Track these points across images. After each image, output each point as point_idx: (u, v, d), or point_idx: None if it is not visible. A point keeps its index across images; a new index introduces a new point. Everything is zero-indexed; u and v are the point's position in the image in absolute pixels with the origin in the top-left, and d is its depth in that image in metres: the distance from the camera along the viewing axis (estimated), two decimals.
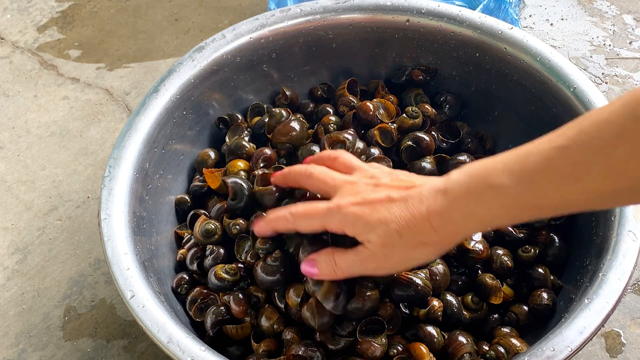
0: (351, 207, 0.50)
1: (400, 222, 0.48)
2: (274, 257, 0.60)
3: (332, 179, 0.55)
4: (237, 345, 0.64)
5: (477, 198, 0.45)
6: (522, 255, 0.67)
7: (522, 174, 0.43)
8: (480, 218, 0.46)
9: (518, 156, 0.44)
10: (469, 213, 0.46)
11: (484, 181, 0.45)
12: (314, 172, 0.56)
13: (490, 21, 0.76)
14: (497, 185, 0.44)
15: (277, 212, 0.57)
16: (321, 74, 0.85)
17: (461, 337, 0.61)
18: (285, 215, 0.55)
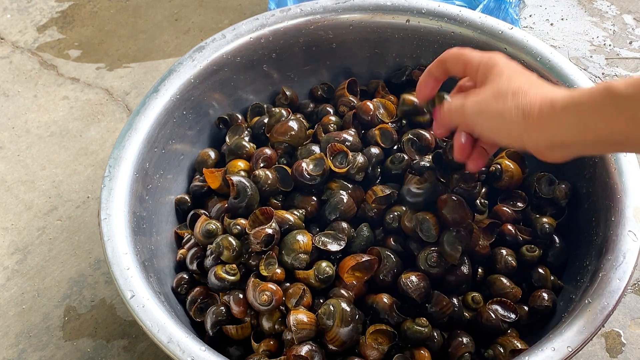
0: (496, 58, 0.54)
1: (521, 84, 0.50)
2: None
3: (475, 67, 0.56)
4: (237, 345, 0.64)
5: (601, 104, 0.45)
6: (526, 254, 0.67)
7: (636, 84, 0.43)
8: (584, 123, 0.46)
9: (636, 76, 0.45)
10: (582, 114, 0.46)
11: (604, 86, 0.45)
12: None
13: (491, 21, 0.76)
14: (617, 91, 0.44)
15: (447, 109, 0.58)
16: (321, 74, 0.85)
17: (461, 337, 0.61)
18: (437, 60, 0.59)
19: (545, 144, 0.49)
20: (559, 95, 0.48)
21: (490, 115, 0.51)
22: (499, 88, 0.51)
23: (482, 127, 0.53)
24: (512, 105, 0.50)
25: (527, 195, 0.71)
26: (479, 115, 0.53)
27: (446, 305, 0.61)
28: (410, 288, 0.61)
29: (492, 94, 0.52)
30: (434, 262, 0.62)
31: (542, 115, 0.48)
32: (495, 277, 0.65)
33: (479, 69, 0.55)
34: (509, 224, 0.69)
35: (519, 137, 0.50)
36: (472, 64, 0.56)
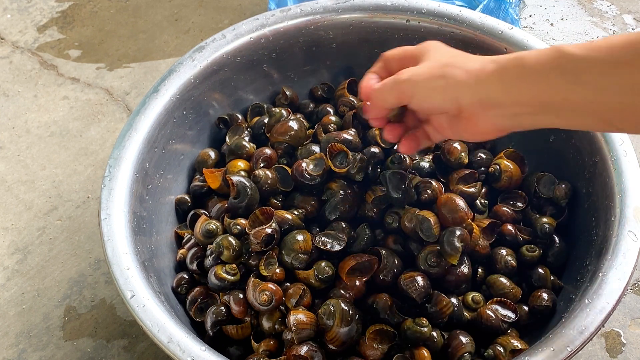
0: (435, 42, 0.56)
1: (462, 53, 0.52)
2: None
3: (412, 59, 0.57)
4: (237, 345, 0.64)
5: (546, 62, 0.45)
6: (526, 254, 0.67)
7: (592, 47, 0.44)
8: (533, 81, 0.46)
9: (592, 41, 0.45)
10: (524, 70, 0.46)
11: (553, 47, 0.46)
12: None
13: (491, 21, 0.76)
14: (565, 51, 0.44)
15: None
16: (321, 74, 0.85)
17: (461, 337, 0.61)
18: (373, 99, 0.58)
19: (481, 100, 0.49)
20: (502, 56, 0.49)
21: (426, 80, 0.52)
22: (435, 58, 0.53)
23: (418, 95, 0.53)
24: (448, 66, 0.51)
25: (527, 195, 0.71)
26: (415, 78, 0.53)
27: (446, 305, 0.61)
28: (410, 288, 0.61)
29: (428, 64, 0.52)
30: (434, 262, 0.62)
31: (483, 71, 0.49)
32: (495, 277, 0.65)
33: (415, 57, 0.55)
34: (509, 224, 0.69)
35: (454, 96, 0.50)
36: (410, 54, 0.56)
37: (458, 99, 0.50)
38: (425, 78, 0.52)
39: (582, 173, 0.69)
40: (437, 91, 0.51)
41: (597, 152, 0.66)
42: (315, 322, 0.59)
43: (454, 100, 0.51)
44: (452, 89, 0.50)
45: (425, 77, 0.52)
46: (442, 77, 0.51)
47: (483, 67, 0.49)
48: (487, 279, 0.66)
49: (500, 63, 0.48)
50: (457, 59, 0.52)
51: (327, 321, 0.58)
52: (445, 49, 0.55)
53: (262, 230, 0.62)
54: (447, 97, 0.51)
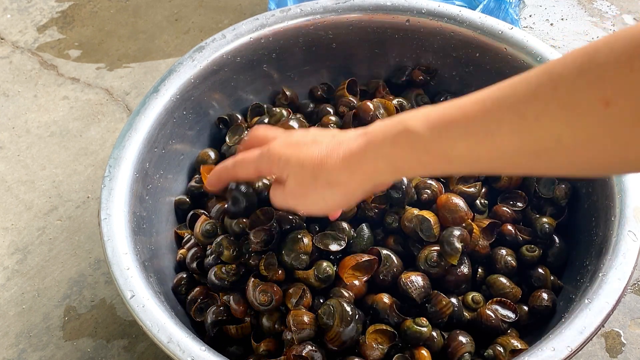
0: (278, 148, 0.53)
1: (315, 161, 0.50)
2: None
3: (266, 146, 0.55)
4: (237, 345, 0.64)
5: (391, 140, 0.45)
6: (526, 254, 0.67)
7: (438, 122, 0.43)
8: (392, 161, 0.46)
9: (439, 107, 0.44)
10: (383, 155, 0.46)
11: (401, 125, 0.45)
12: (244, 157, 0.57)
13: (491, 21, 0.76)
14: (411, 130, 0.44)
15: (222, 163, 0.60)
16: (321, 74, 0.85)
17: (461, 337, 0.61)
18: (227, 164, 0.58)
19: (367, 192, 0.51)
20: (360, 150, 0.48)
21: (311, 200, 0.52)
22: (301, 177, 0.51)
23: (311, 210, 0.55)
24: (323, 183, 0.50)
25: (527, 195, 0.71)
26: (302, 204, 0.54)
27: (446, 305, 0.61)
28: (410, 288, 0.61)
29: (301, 186, 0.52)
30: (434, 262, 0.62)
31: (352, 171, 0.48)
32: (495, 277, 0.65)
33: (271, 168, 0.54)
34: (509, 224, 0.69)
35: (344, 203, 0.51)
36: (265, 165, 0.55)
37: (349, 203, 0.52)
38: (311, 202, 0.53)
39: None
40: (328, 207, 0.53)
41: None
42: (315, 322, 0.59)
43: (347, 205, 0.53)
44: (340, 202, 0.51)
45: (311, 201, 0.52)
46: (324, 198, 0.51)
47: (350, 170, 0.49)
48: (487, 279, 0.66)
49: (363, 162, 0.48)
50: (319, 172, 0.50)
51: (327, 321, 0.58)
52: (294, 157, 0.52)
53: (261, 230, 0.62)
54: (340, 207, 0.54)
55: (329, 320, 0.58)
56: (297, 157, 0.51)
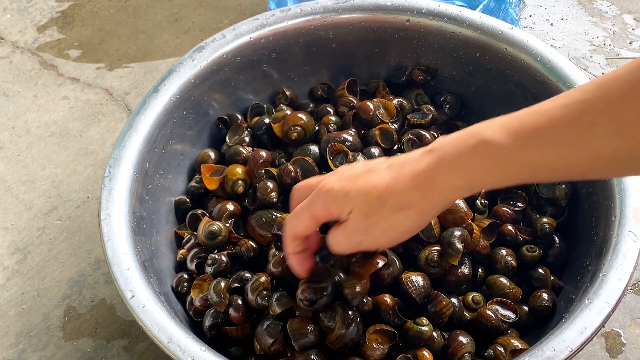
0: (331, 184, 0.49)
1: (380, 187, 0.46)
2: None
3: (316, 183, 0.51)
4: (237, 345, 0.64)
5: (467, 154, 0.43)
6: (526, 254, 0.67)
7: (520, 131, 0.41)
8: (469, 175, 0.43)
9: (515, 116, 0.42)
10: (459, 170, 0.43)
11: (477, 137, 0.42)
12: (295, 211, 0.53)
13: (491, 21, 0.76)
14: (491, 141, 0.41)
15: (284, 239, 0.56)
16: (321, 74, 0.85)
17: (461, 337, 0.61)
18: (285, 233, 0.55)
19: (443, 208, 0.47)
20: (431, 167, 0.45)
21: (381, 231, 0.48)
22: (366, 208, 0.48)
23: (383, 243, 0.51)
24: (391, 208, 0.46)
25: (527, 195, 0.71)
26: (372, 240, 0.49)
27: (446, 305, 0.61)
28: (411, 288, 0.61)
29: (367, 217, 0.48)
30: (435, 262, 0.62)
31: (425, 191, 0.45)
32: (495, 277, 0.65)
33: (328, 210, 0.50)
34: (509, 224, 0.69)
35: (420, 224, 0.48)
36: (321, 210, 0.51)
37: (425, 223, 0.49)
38: (382, 234, 0.49)
39: None
40: (402, 234, 0.49)
41: None
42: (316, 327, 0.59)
43: (422, 226, 0.49)
44: (415, 225, 0.48)
45: (381, 233, 0.48)
46: (396, 225, 0.47)
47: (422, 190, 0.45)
48: (487, 279, 0.66)
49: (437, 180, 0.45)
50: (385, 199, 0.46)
51: (329, 324, 0.58)
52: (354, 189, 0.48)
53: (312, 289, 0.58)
54: (417, 230, 0.49)
55: (331, 323, 0.58)
56: (356, 188, 0.47)
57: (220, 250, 0.67)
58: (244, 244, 0.67)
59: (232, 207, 0.70)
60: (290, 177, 0.68)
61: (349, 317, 0.58)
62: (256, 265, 0.66)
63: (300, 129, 0.73)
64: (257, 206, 0.69)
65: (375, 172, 0.48)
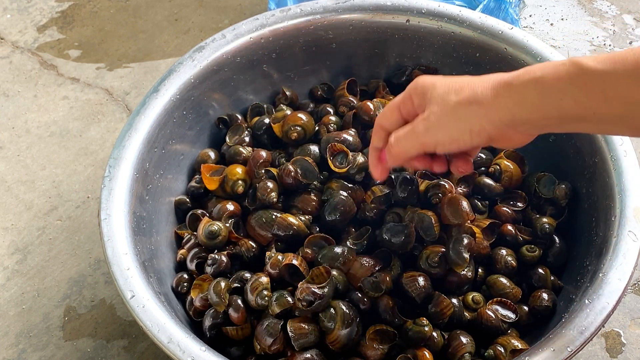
0: (422, 78, 0.52)
1: (462, 83, 0.49)
2: None
3: None
4: (237, 345, 0.64)
5: (553, 69, 0.45)
6: (526, 254, 0.67)
7: (608, 59, 0.43)
8: (541, 90, 0.45)
9: (604, 54, 0.44)
10: (534, 84, 0.45)
11: (568, 60, 0.44)
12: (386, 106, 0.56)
13: (491, 21, 0.76)
14: (583, 64, 0.43)
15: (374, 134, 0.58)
16: (321, 74, 0.85)
17: (461, 337, 0.61)
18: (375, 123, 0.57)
19: (508, 122, 0.48)
20: (514, 74, 0.47)
21: (445, 122, 0.50)
22: (441, 97, 0.50)
23: (442, 138, 0.51)
24: (463, 99, 0.48)
25: (527, 195, 0.71)
26: (434, 129, 0.50)
27: (447, 306, 0.61)
28: (411, 288, 0.61)
29: (438, 106, 0.50)
30: (435, 263, 0.62)
31: (499, 95, 0.47)
32: (495, 277, 0.65)
33: (413, 101, 0.52)
34: (509, 224, 0.69)
35: (481, 128, 0.48)
36: (407, 105, 0.53)
37: (485, 132, 0.49)
38: (444, 125, 0.50)
39: (582, 173, 0.69)
40: (461, 133, 0.49)
41: (597, 152, 0.66)
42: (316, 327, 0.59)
43: (482, 134, 0.49)
44: (476, 126, 0.49)
45: (443, 125, 0.50)
46: (460, 118, 0.49)
47: (497, 93, 0.47)
48: (487, 279, 0.66)
49: (516, 85, 0.47)
50: (462, 91, 0.49)
51: (328, 324, 0.58)
52: (441, 82, 0.51)
53: (310, 290, 0.58)
54: (474, 135, 0.49)
55: (330, 323, 0.58)
56: (444, 82, 0.50)
57: (220, 250, 0.67)
58: (244, 244, 0.67)
59: (232, 207, 0.70)
60: (290, 177, 0.68)
61: (348, 317, 0.58)
62: (256, 265, 0.66)
63: (300, 129, 0.73)
64: (257, 206, 0.69)
65: (465, 77, 0.50)
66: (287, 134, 0.73)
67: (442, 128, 0.50)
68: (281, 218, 0.66)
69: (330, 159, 0.69)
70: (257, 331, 0.60)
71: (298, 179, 0.68)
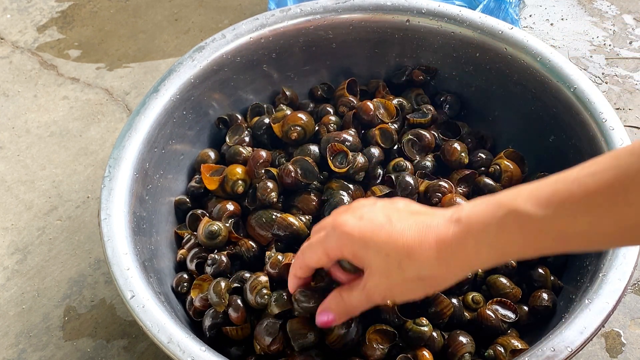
0: (349, 225, 0.47)
1: (401, 250, 0.45)
2: None
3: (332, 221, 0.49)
4: (237, 345, 0.64)
5: (497, 225, 0.41)
6: None
7: (551, 200, 0.40)
8: (498, 247, 0.42)
9: (542, 184, 0.41)
10: (487, 242, 0.42)
11: (506, 207, 0.41)
12: (311, 240, 0.52)
13: (491, 21, 0.76)
14: (520, 211, 0.41)
15: (294, 261, 0.55)
16: (321, 74, 0.85)
17: (461, 337, 0.61)
18: (297, 257, 0.54)
19: (461, 278, 0.47)
20: (457, 238, 0.43)
21: (397, 291, 0.47)
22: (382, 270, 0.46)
23: (399, 299, 0.49)
24: (409, 277, 0.45)
25: None
26: (389, 295, 0.48)
27: (447, 306, 0.61)
28: None
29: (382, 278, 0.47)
30: None
31: (445, 262, 0.44)
32: (495, 277, 0.65)
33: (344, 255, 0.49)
34: None
35: (436, 290, 0.48)
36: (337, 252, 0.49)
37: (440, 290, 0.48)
38: (397, 293, 0.47)
39: None
40: (416, 296, 0.47)
41: (597, 152, 0.66)
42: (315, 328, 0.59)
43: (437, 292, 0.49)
44: (430, 290, 0.47)
45: (397, 292, 0.47)
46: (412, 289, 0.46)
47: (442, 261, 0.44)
48: (487, 279, 0.66)
49: (458, 248, 0.43)
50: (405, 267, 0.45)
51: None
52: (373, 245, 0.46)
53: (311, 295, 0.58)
54: (430, 293, 0.48)
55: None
56: (375, 241, 0.45)
57: (220, 250, 0.67)
58: (243, 244, 0.67)
59: (232, 207, 0.70)
60: (290, 177, 0.68)
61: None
62: (256, 265, 0.66)
63: (300, 129, 0.73)
64: (257, 206, 0.69)
65: (398, 223, 0.46)
66: (287, 134, 0.73)
67: (398, 297, 0.48)
68: (281, 218, 0.66)
69: (330, 159, 0.69)
70: (256, 331, 0.60)
71: (298, 179, 0.68)
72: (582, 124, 0.68)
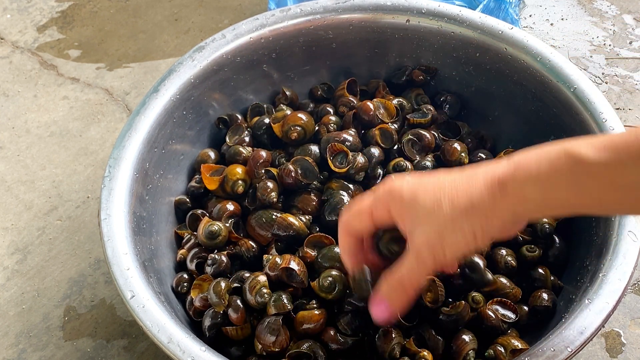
0: (398, 184, 0.45)
1: (451, 190, 0.43)
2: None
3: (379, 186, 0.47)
4: (238, 345, 0.64)
5: (548, 163, 0.40)
6: (526, 254, 0.67)
7: (607, 146, 0.39)
8: (544, 187, 0.41)
9: (599, 135, 0.41)
10: (535, 179, 0.41)
11: (561, 148, 0.40)
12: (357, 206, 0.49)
13: (491, 21, 0.76)
14: (576, 153, 0.39)
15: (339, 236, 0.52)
16: (321, 74, 0.85)
17: (464, 335, 0.60)
18: (339, 224, 0.51)
19: (510, 221, 0.44)
20: (507, 171, 0.43)
21: (448, 238, 0.44)
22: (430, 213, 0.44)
23: (450, 256, 0.45)
24: (459, 210, 0.43)
25: None
26: (440, 250, 0.45)
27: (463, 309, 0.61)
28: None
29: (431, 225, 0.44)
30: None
31: (496, 197, 0.42)
32: (495, 278, 0.65)
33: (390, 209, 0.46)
34: None
35: (484, 232, 0.44)
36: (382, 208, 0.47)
37: (488, 235, 0.44)
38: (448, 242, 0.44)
39: None
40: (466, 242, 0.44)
41: None
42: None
43: (485, 237, 0.45)
44: (479, 231, 0.44)
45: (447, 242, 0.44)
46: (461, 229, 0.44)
47: (494, 196, 0.43)
48: None
49: (512, 186, 0.42)
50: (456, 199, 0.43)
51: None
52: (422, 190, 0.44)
53: None
54: (479, 240, 0.44)
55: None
56: (425, 189, 0.44)
57: (220, 250, 0.67)
58: (243, 244, 0.67)
59: (232, 207, 0.70)
60: (290, 177, 0.68)
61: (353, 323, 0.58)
62: (256, 265, 0.66)
63: (300, 129, 0.73)
64: (257, 206, 0.69)
65: (447, 176, 0.44)
66: (287, 134, 0.73)
67: (448, 246, 0.45)
68: (281, 218, 0.66)
69: (330, 159, 0.69)
70: (257, 330, 0.60)
71: (298, 179, 0.68)
72: (582, 124, 0.68)
